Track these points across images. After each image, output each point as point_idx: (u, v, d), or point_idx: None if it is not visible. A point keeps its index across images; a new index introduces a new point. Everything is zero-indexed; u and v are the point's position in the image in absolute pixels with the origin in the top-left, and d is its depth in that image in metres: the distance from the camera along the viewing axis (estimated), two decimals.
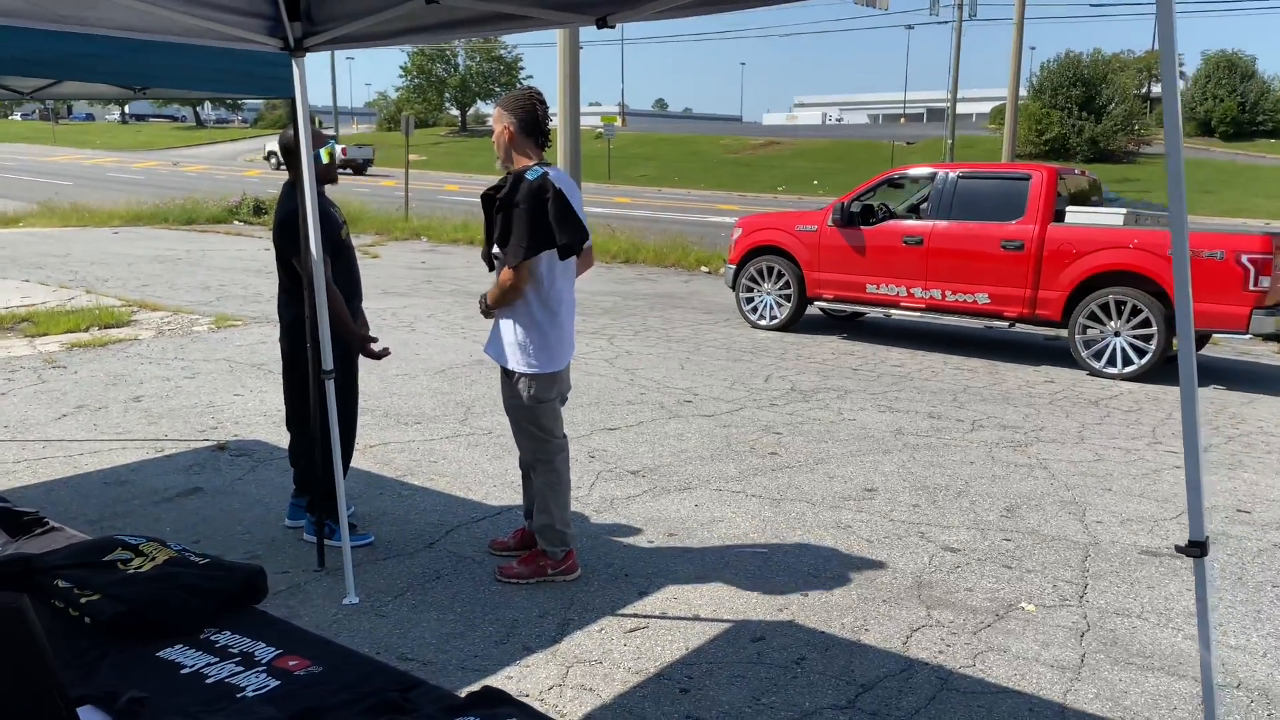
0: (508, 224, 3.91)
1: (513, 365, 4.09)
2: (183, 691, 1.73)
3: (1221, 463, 6.14)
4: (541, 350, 4.03)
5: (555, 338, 4.05)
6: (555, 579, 4.18)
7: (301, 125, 3.48)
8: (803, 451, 6.12)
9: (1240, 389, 8.42)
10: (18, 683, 1.38)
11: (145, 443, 5.93)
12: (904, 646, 3.63)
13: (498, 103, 4.04)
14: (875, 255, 10.29)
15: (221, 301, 11.37)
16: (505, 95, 4.10)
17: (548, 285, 4.00)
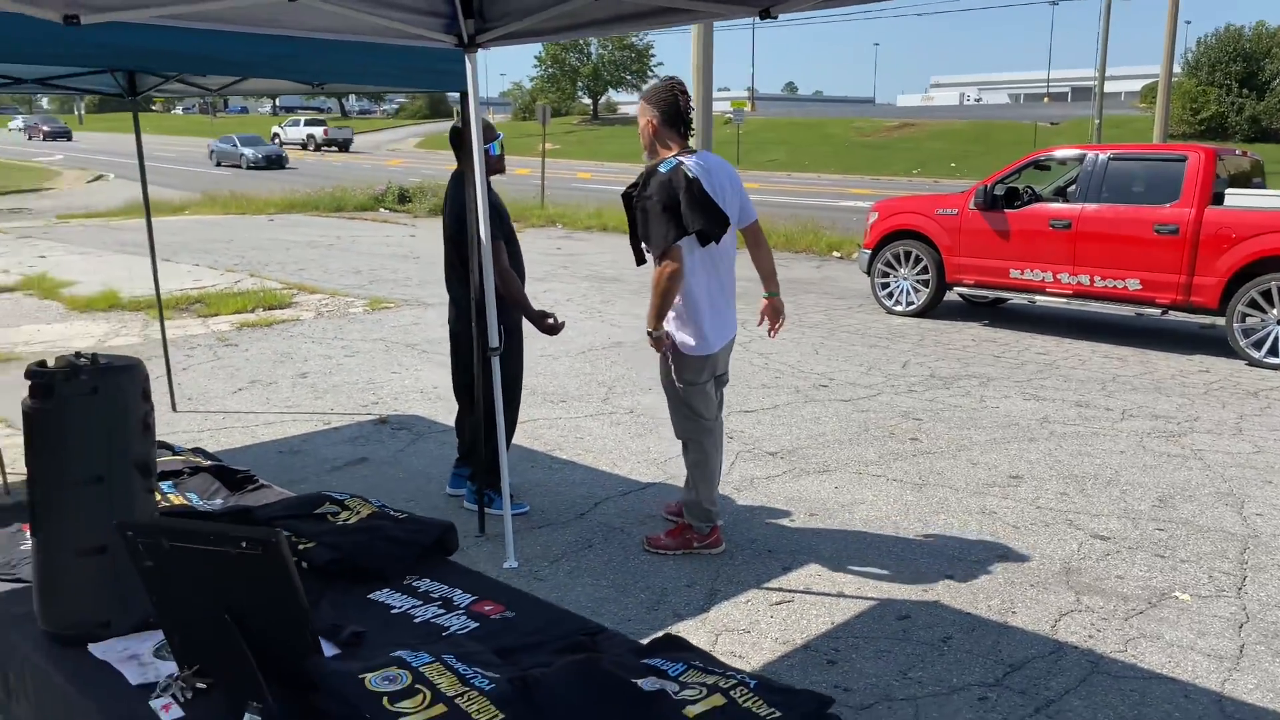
0: (645, 218, 4.04)
1: (674, 339, 4.19)
2: (394, 628, 1.93)
3: None
4: (690, 334, 4.14)
5: (703, 323, 4.14)
6: (699, 552, 4.32)
7: (473, 116, 3.70)
8: (944, 438, 6.09)
9: None
10: (275, 608, 1.59)
11: (313, 415, 6.34)
12: (1052, 630, 3.63)
13: (641, 96, 4.16)
14: (1020, 239, 10.03)
15: (373, 285, 11.93)
16: (647, 88, 4.19)
17: (691, 272, 4.09)
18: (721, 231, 4.07)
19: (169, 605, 1.68)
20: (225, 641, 1.61)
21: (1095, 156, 9.88)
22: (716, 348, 4.20)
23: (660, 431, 6.08)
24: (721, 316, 4.21)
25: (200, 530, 1.61)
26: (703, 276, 4.12)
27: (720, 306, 4.20)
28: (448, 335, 4.93)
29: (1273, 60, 42.20)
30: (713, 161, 4.17)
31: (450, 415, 6.29)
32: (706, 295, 4.15)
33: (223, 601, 1.59)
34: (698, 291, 4.12)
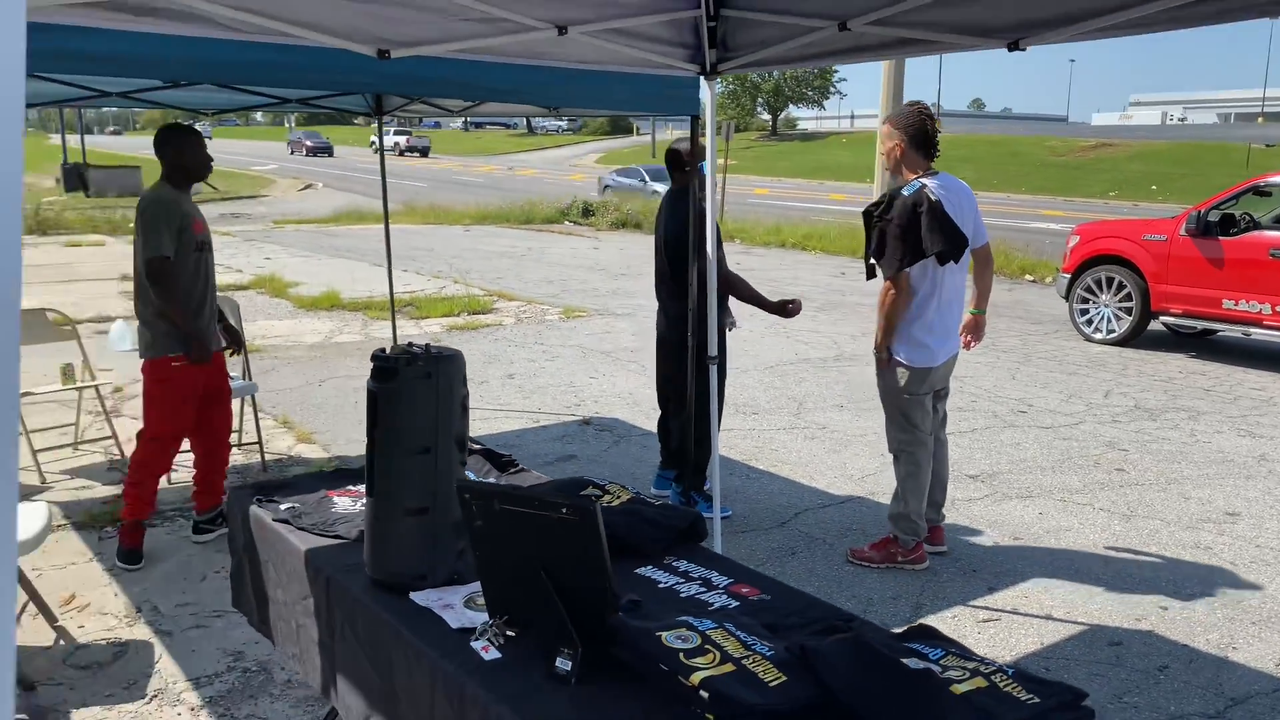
0: (883, 238, 4.24)
1: (898, 353, 4.36)
2: (664, 600, 2.15)
3: None
4: (914, 347, 4.30)
5: (929, 338, 4.30)
6: (904, 566, 4.42)
7: (710, 140, 3.93)
8: (1152, 470, 5.92)
9: None
10: (584, 569, 1.83)
11: (523, 413, 6.76)
12: (1278, 668, 3.54)
13: (887, 119, 4.37)
14: (1235, 268, 9.54)
15: (565, 294, 12.45)
16: (893, 113, 4.39)
17: (924, 290, 4.27)
18: (960, 253, 4.22)
19: (490, 560, 1.95)
20: (539, 595, 1.86)
21: None
22: (940, 361, 4.35)
23: (853, 448, 6.18)
24: (947, 332, 4.37)
25: (527, 496, 1.88)
26: (935, 293, 4.28)
27: (948, 322, 4.36)
28: (642, 345, 5.24)
29: None
30: (953, 184, 4.30)
31: (648, 420, 6.58)
32: (936, 311, 4.30)
33: (540, 559, 1.85)
34: (929, 307, 4.28)
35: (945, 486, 4.67)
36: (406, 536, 2.16)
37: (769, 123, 68.50)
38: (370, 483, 2.17)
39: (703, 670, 1.70)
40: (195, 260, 4.36)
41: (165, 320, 4.28)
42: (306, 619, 2.39)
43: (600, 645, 1.84)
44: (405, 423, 2.12)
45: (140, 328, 4.40)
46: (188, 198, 4.44)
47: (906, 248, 4.15)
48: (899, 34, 3.11)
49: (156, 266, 4.20)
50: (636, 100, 4.23)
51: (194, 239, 4.34)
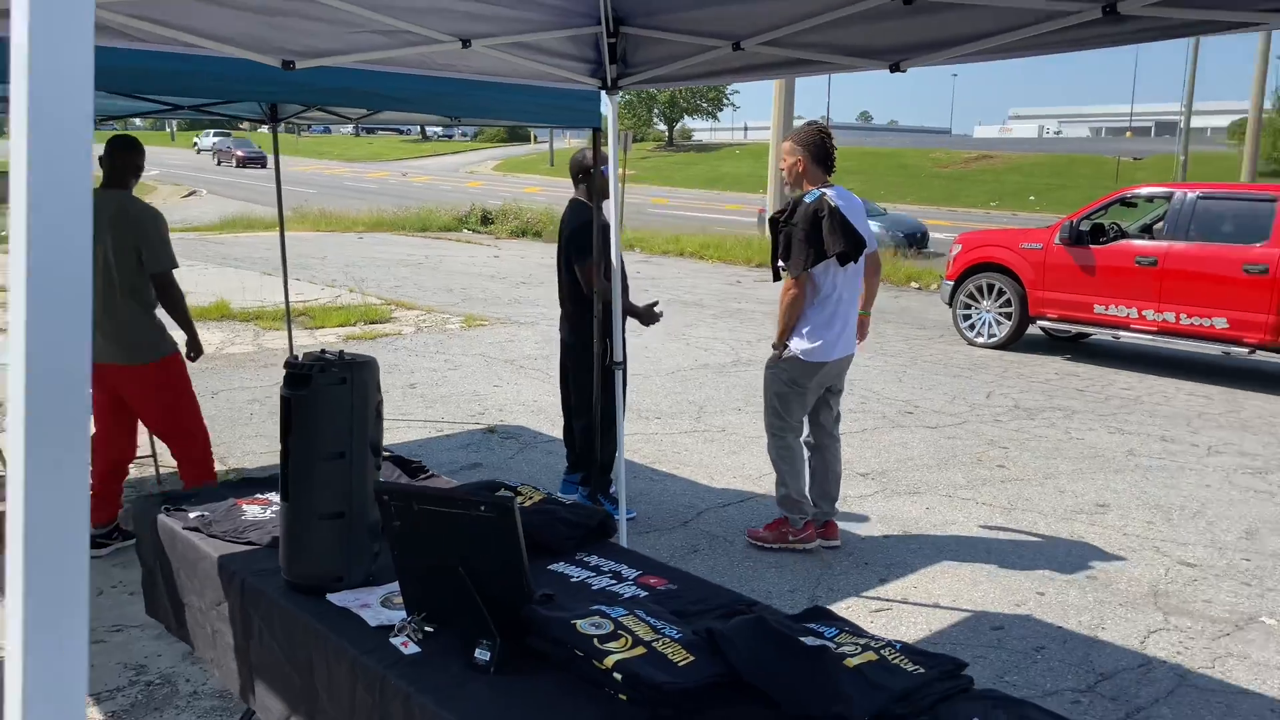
0: (789, 242, 4.53)
1: (792, 345, 4.64)
2: (576, 593, 2.24)
3: None
4: (808, 341, 4.57)
5: (823, 335, 4.57)
6: (794, 545, 4.72)
7: (612, 152, 4.05)
8: (1031, 466, 6.27)
9: None
10: (501, 564, 1.91)
11: (426, 423, 6.75)
12: (1141, 645, 3.82)
13: (789, 137, 4.66)
14: (1105, 275, 10.13)
15: (466, 303, 12.42)
16: (794, 132, 4.68)
17: (824, 291, 4.57)
18: (859, 254, 4.52)
19: (408, 559, 2.02)
20: (457, 590, 1.94)
21: (1184, 195, 9.96)
22: (832, 358, 4.62)
23: (751, 449, 6.37)
24: (844, 333, 4.64)
25: (446, 496, 1.95)
26: (835, 292, 4.57)
27: (847, 323, 4.64)
28: (545, 352, 5.32)
29: None
30: (847, 195, 4.61)
31: (553, 427, 6.66)
32: (836, 311, 4.59)
33: (458, 556, 1.93)
34: (828, 307, 4.57)
35: (838, 481, 4.90)
36: (323, 540, 2.21)
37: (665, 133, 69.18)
38: (284, 488, 2.21)
39: (616, 654, 1.80)
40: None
41: (153, 321, 4.46)
42: (222, 624, 2.41)
43: (517, 636, 1.93)
44: (320, 429, 2.17)
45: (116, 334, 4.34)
46: None
47: (810, 249, 4.43)
48: (789, 54, 3.27)
49: (172, 277, 4.44)
50: (539, 112, 4.32)
51: None
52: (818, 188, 4.55)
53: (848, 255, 4.47)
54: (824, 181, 4.61)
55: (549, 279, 15.95)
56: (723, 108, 65.16)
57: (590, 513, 2.64)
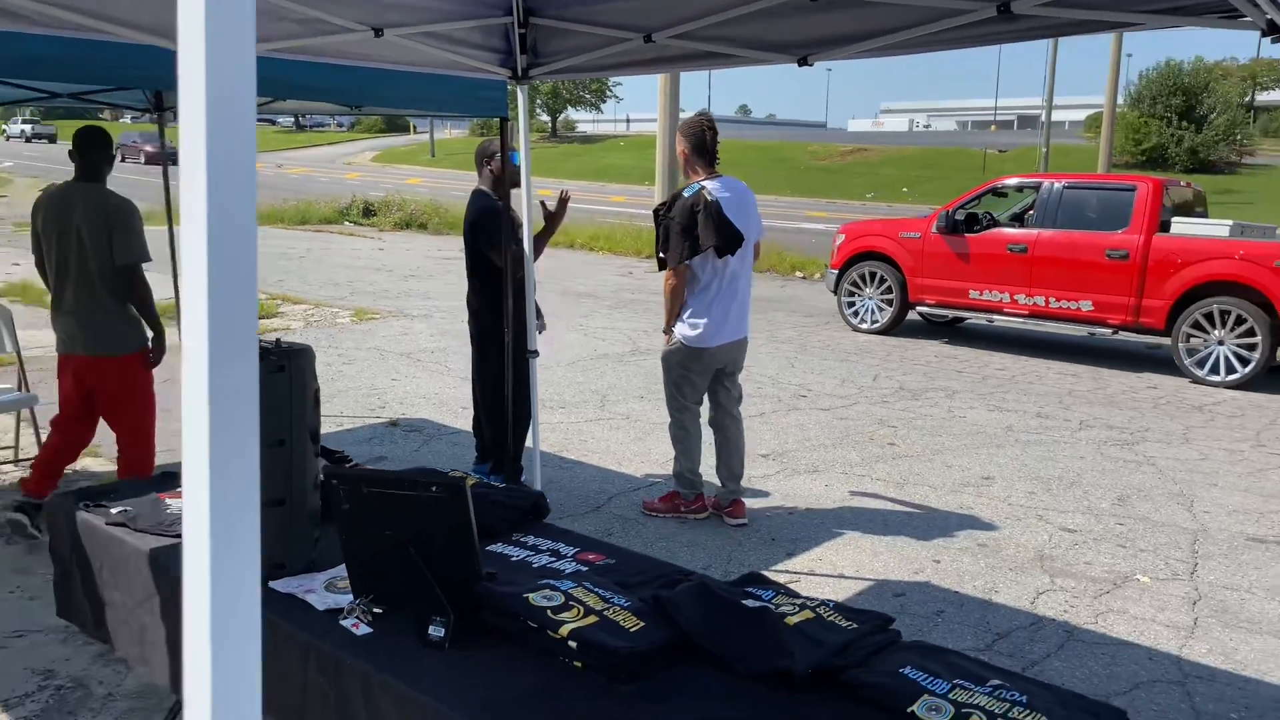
0: (666, 235, 4.73)
1: (677, 332, 4.87)
2: (518, 572, 2.30)
3: None
4: (692, 329, 4.78)
5: (706, 323, 4.76)
6: (686, 516, 4.99)
7: (523, 142, 4.09)
8: (919, 443, 6.57)
9: None
10: (452, 543, 1.96)
11: (326, 418, 6.61)
12: (1031, 605, 4.09)
13: (679, 128, 4.73)
14: (979, 262, 10.62)
15: (354, 297, 12.19)
16: (683, 121, 4.77)
17: (703, 281, 4.74)
18: (735, 247, 4.65)
19: (356, 542, 2.04)
20: (408, 570, 1.98)
21: (1051, 185, 10.52)
22: (713, 344, 4.82)
23: (655, 435, 6.49)
24: (727, 319, 4.82)
25: (396, 478, 1.99)
26: (715, 282, 4.74)
27: (728, 310, 4.80)
28: (442, 345, 5.33)
29: (1210, 94, 43.98)
30: (735, 185, 4.73)
31: (455, 418, 6.66)
32: (716, 299, 4.76)
33: (408, 537, 1.97)
34: (708, 296, 4.75)
35: (742, 459, 5.10)
36: (263, 528, 2.20)
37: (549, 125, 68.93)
38: None
39: (569, 623, 1.87)
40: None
41: (127, 313, 4.44)
42: (150, 618, 2.38)
43: (469, 613, 1.98)
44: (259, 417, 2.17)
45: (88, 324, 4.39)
46: None
47: (686, 243, 4.61)
48: (699, 47, 3.38)
49: (139, 271, 4.41)
50: (447, 101, 4.32)
51: None
52: (700, 180, 4.72)
53: (723, 249, 4.66)
54: (708, 173, 4.77)
55: (437, 271, 15.79)
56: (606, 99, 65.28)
57: (524, 495, 2.70)
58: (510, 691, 1.78)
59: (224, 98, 0.75)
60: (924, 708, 1.67)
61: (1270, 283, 8.92)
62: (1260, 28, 2.27)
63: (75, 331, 4.39)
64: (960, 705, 1.68)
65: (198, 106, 0.74)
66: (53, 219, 4.37)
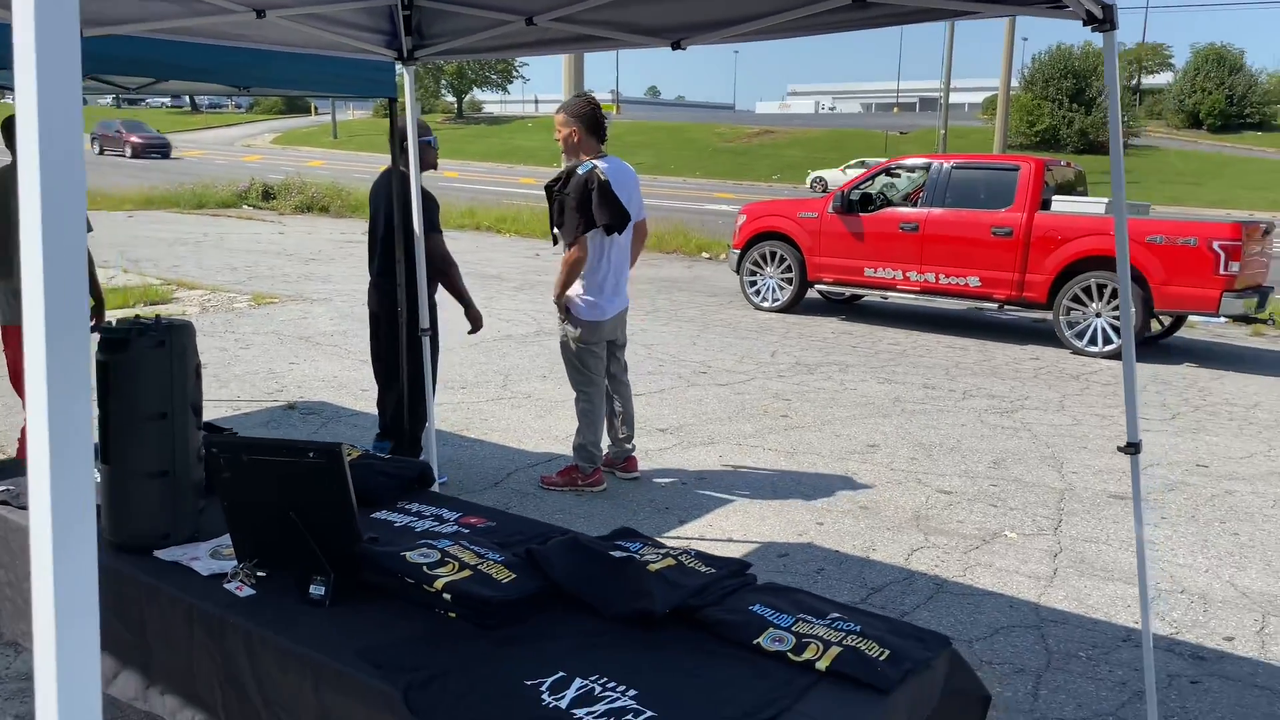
0: (562, 211, 4.87)
1: (574, 311, 5.04)
2: (400, 536, 2.39)
3: (1186, 428, 6.85)
4: (587, 306, 4.98)
5: (600, 298, 4.98)
6: (584, 489, 5.14)
7: (410, 120, 4.14)
8: (810, 415, 6.82)
9: (1211, 366, 9.14)
10: (331, 507, 2.04)
11: (221, 402, 6.59)
12: (906, 561, 4.33)
13: (561, 108, 4.91)
14: (873, 241, 10.97)
15: (252, 281, 12.00)
16: (567, 102, 4.89)
17: (594, 256, 4.92)
18: (624, 225, 4.83)
19: (238, 509, 2.12)
20: (289, 534, 2.06)
21: (940, 165, 10.91)
22: (609, 315, 5.04)
23: (557, 413, 6.61)
24: (617, 292, 5.06)
25: (275, 445, 2.07)
26: (605, 259, 4.95)
27: (618, 284, 5.05)
28: (341, 329, 5.35)
29: (1098, 78, 45.68)
30: (620, 166, 4.89)
31: (355, 400, 6.67)
32: (607, 275, 4.98)
33: (288, 502, 2.05)
34: (600, 272, 4.95)
35: (632, 421, 5.39)
36: (148, 499, 2.26)
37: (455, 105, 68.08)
38: (104, 451, 2.25)
39: (444, 577, 1.99)
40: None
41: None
42: None
43: (349, 573, 2.08)
44: (140, 391, 2.23)
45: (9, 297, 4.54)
46: None
47: (581, 218, 4.78)
48: (580, 30, 3.49)
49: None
50: (335, 82, 4.35)
51: None
52: (591, 159, 4.87)
53: (613, 227, 4.85)
54: (598, 152, 4.93)
55: (339, 255, 15.58)
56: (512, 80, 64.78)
57: (409, 464, 2.79)
58: (386, 639, 1.88)
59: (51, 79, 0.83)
60: (769, 639, 1.83)
61: (1142, 257, 9.42)
62: (1080, 18, 2.48)
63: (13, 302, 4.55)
64: (801, 636, 1.84)
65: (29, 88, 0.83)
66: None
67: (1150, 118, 53.96)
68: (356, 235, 18.04)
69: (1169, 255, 9.35)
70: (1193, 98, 52.32)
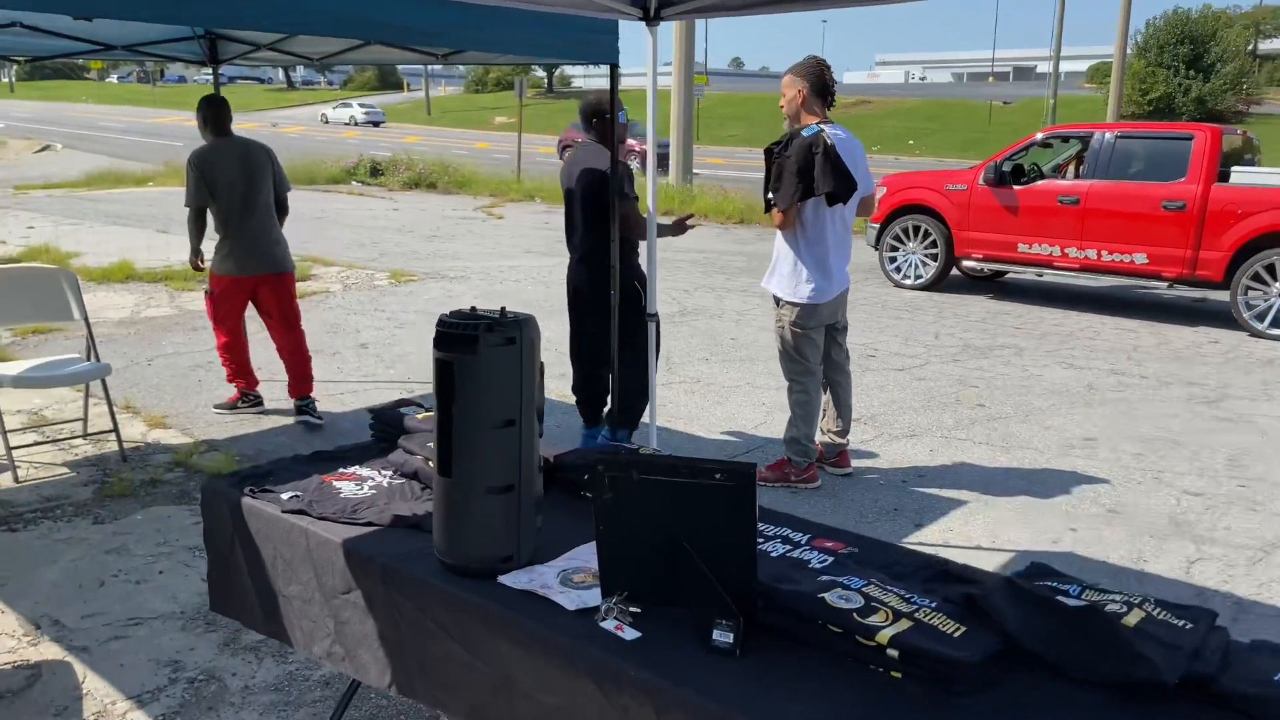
0: (780, 173, 4.49)
1: (780, 295, 4.65)
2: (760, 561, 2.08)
3: None
4: (805, 285, 4.58)
5: (819, 276, 4.57)
6: (796, 485, 4.77)
7: (650, 94, 3.81)
8: (1008, 404, 6.36)
9: None
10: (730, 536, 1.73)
11: (393, 384, 6.41)
12: (1188, 575, 3.89)
13: (790, 70, 4.53)
14: (1029, 215, 10.34)
15: (384, 258, 11.89)
16: (796, 64, 4.53)
17: (814, 229, 4.52)
18: (849, 195, 4.48)
19: (618, 535, 1.81)
20: (681, 567, 1.75)
21: (1103, 135, 10.21)
22: (829, 297, 4.64)
23: (735, 400, 6.27)
24: (838, 271, 4.66)
25: (672, 464, 1.76)
26: (826, 233, 4.55)
27: (839, 262, 4.65)
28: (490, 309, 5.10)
29: (1218, 43, 43.44)
30: (847, 135, 4.49)
31: None
32: (827, 250, 4.58)
33: (683, 529, 1.74)
34: (819, 247, 4.56)
35: (850, 412, 5.02)
36: (491, 517, 1.98)
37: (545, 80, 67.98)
38: (444, 461, 1.97)
39: (883, 628, 1.66)
40: None
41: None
42: (352, 613, 2.16)
43: (748, 615, 1.76)
44: (488, 395, 1.93)
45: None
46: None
47: (800, 183, 4.39)
48: None
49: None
50: (551, 45, 4.02)
51: None
52: (817, 123, 4.50)
53: (836, 195, 4.46)
54: (823, 117, 4.57)
55: (458, 232, 15.44)
56: None
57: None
58: (832, 708, 1.56)
59: None
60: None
61: None
62: None
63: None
64: None
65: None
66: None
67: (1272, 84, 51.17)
68: (469, 211, 17.92)
69: None
70: None
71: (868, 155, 4.80)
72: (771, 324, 4.88)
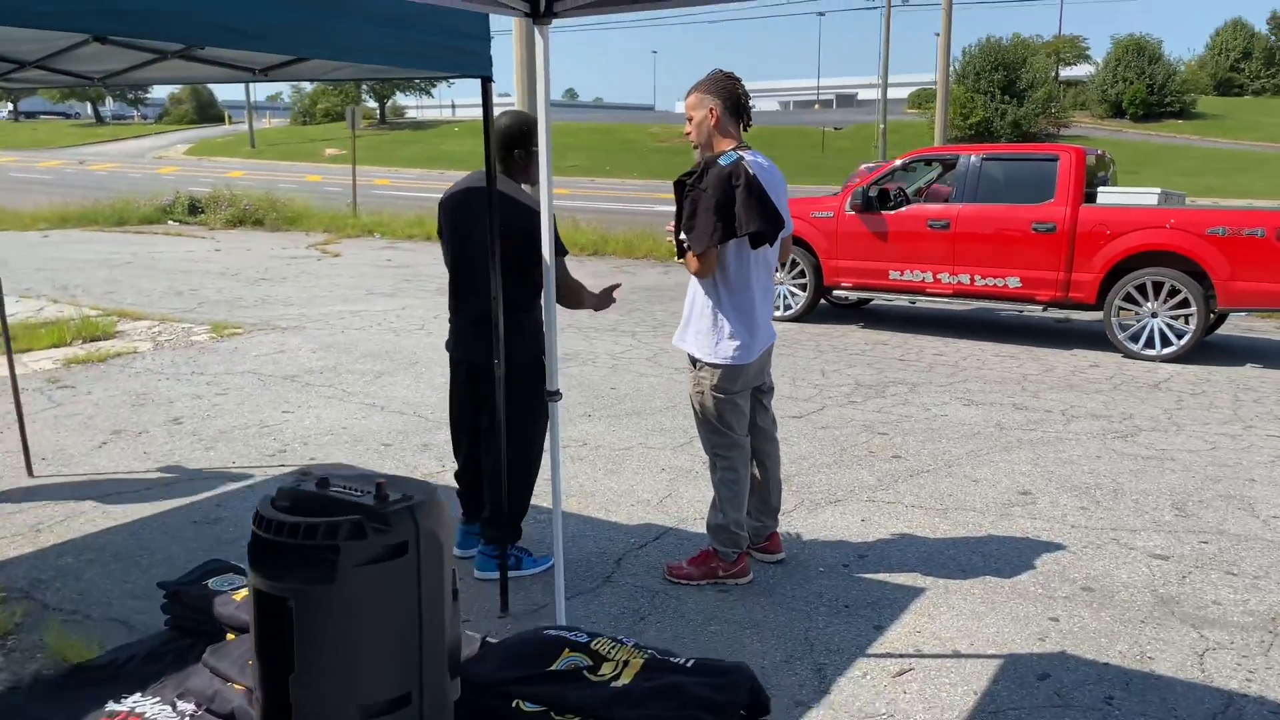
0: (694, 210, 3.69)
1: (698, 355, 3.89)
2: None
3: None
4: (728, 342, 3.82)
5: (743, 331, 3.82)
6: (725, 581, 3.99)
7: (541, 101, 2.96)
8: (924, 453, 5.77)
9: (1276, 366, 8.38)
10: None
11: (213, 472, 5.28)
12: (1205, 674, 3.28)
13: (695, 89, 3.84)
14: (899, 241, 9.99)
15: (204, 308, 10.55)
16: (703, 80, 3.80)
17: (737, 276, 3.79)
18: (775, 236, 3.79)
19: None
20: None
21: (969, 158, 9.98)
22: (755, 356, 3.90)
23: (629, 466, 5.47)
24: (764, 324, 3.93)
25: None
26: (750, 280, 3.82)
27: (765, 313, 3.93)
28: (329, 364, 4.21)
29: (1028, 69, 45.85)
30: (767, 164, 3.80)
31: (380, 460, 5.44)
32: (753, 301, 3.84)
33: None
34: (743, 297, 3.82)
35: (780, 490, 4.26)
36: None
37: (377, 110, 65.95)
38: None
39: None
40: None
41: None
42: None
43: None
44: (355, 656, 1.04)
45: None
46: None
47: (719, 223, 3.63)
48: None
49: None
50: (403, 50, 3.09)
51: None
52: (734, 148, 3.75)
53: (762, 236, 3.72)
54: (740, 141, 3.83)
55: (288, 274, 14.07)
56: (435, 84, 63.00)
57: (731, 679, 1.64)
58: None
59: None
60: None
61: (1202, 251, 8.63)
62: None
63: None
64: None
65: None
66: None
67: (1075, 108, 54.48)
68: (301, 250, 16.55)
69: (1234, 248, 8.56)
70: (1115, 88, 52.94)
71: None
72: (687, 388, 4.07)
